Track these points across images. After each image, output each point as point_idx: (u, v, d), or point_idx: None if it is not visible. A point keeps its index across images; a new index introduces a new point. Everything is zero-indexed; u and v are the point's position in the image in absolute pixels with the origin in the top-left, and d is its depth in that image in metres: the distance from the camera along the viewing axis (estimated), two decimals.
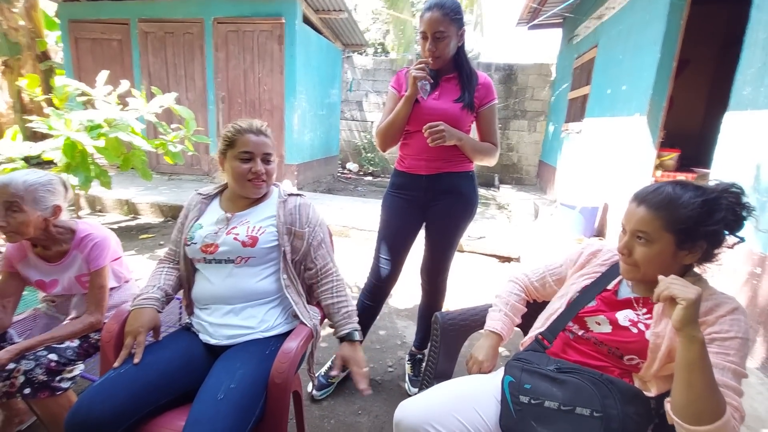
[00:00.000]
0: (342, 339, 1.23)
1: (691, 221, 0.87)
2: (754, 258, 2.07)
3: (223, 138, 1.24)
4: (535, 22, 6.67)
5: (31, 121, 3.32)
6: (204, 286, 1.20)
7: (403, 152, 1.68)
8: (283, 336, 1.18)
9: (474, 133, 1.65)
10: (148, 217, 4.60)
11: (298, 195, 1.33)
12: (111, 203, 4.71)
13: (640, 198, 0.95)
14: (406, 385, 1.87)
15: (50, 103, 3.67)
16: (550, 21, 6.61)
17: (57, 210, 1.29)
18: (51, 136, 3.22)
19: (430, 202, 1.66)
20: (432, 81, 1.50)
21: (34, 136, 4.37)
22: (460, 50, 1.57)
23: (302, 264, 1.29)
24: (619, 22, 4.31)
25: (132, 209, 4.67)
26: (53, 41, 7.51)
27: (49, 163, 3.51)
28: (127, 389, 0.97)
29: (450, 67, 1.58)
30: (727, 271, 2.17)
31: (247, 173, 1.20)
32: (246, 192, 1.24)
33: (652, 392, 0.91)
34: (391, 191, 1.73)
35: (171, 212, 4.60)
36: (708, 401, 0.74)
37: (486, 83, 1.60)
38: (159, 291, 1.20)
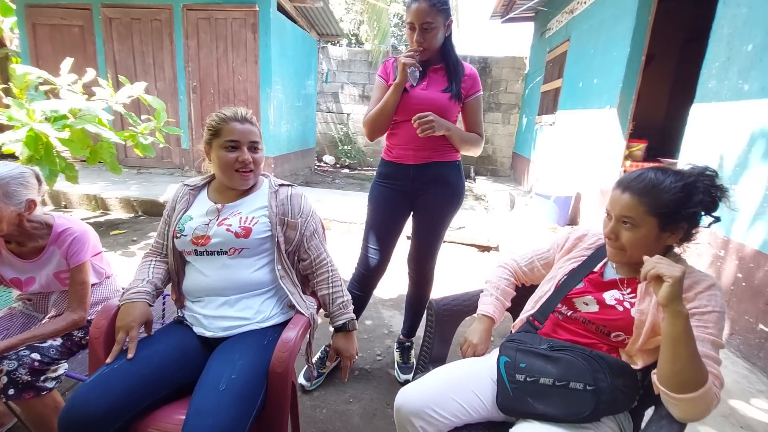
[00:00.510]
0: (337, 330, 1.26)
1: (672, 205, 0.92)
2: (718, 242, 2.21)
3: (208, 127, 1.21)
4: (509, 16, 6.77)
5: None
6: (197, 279, 1.18)
7: (391, 142, 1.69)
8: (280, 326, 1.17)
9: (459, 124, 1.68)
10: (118, 213, 4.42)
11: (289, 185, 1.32)
12: (77, 198, 4.49)
13: (624, 185, 0.98)
14: (395, 372, 1.90)
15: (7, 93, 3.45)
16: (522, 14, 6.73)
17: (31, 204, 1.23)
18: (10, 127, 3.03)
19: (418, 192, 1.67)
20: (421, 68, 1.51)
21: None
22: (447, 41, 1.58)
23: (296, 255, 1.28)
24: (591, 16, 4.44)
25: (101, 204, 4.47)
26: (8, 27, 7.03)
27: (9, 156, 3.31)
28: (121, 384, 0.95)
29: (437, 58, 1.60)
30: (693, 254, 2.30)
31: (233, 162, 1.18)
32: (233, 183, 1.22)
33: (638, 365, 0.96)
34: (378, 181, 1.74)
35: (142, 207, 4.44)
36: (692, 371, 0.80)
37: (472, 74, 1.62)
38: (148, 284, 1.17)
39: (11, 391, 1.08)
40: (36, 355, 1.14)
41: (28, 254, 1.28)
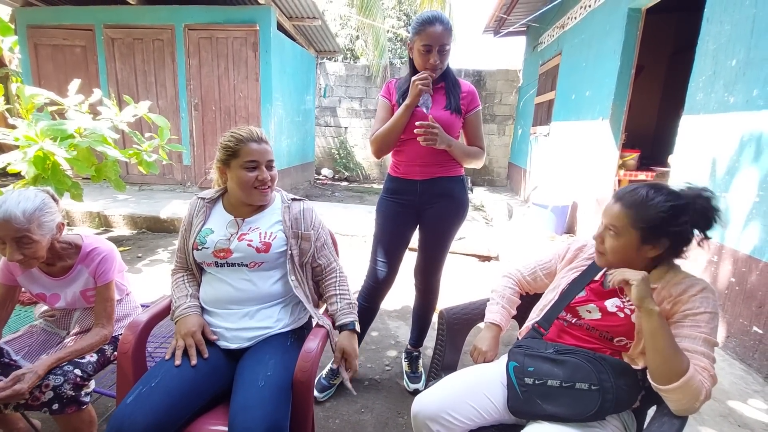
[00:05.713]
0: (341, 328, 1.30)
1: (655, 222, 0.98)
2: (712, 248, 2.29)
3: (225, 148, 1.25)
4: (502, 33, 6.95)
5: None
6: (217, 288, 1.24)
7: (397, 159, 1.76)
8: (297, 330, 1.27)
9: (461, 138, 1.76)
10: (122, 230, 4.46)
11: (301, 200, 1.39)
12: (80, 216, 4.53)
13: (619, 196, 1.06)
14: (404, 382, 1.94)
15: (9, 113, 3.52)
16: (514, 29, 6.91)
17: (61, 226, 1.28)
18: (11, 147, 3.09)
19: (425, 206, 1.74)
20: (432, 93, 1.58)
21: None
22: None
23: (309, 264, 1.35)
24: (581, 31, 4.59)
25: (103, 221, 4.51)
26: (7, 47, 7.13)
27: (15, 176, 3.36)
28: (166, 400, 0.99)
29: (437, 78, 1.68)
30: (688, 260, 2.38)
31: (253, 181, 1.23)
32: (253, 199, 1.27)
33: (639, 366, 1.03)
34: (385, 196, 1.81)
35: (145, 224, 4.48)
36: (672, 362, 0.89)
37: (471, 91, 1.71)
38: (192, 299, 1.24)
39: (55, 406, 1.13)
40: (78, 371, 1.19)
41: (56, 272, 1.33)
